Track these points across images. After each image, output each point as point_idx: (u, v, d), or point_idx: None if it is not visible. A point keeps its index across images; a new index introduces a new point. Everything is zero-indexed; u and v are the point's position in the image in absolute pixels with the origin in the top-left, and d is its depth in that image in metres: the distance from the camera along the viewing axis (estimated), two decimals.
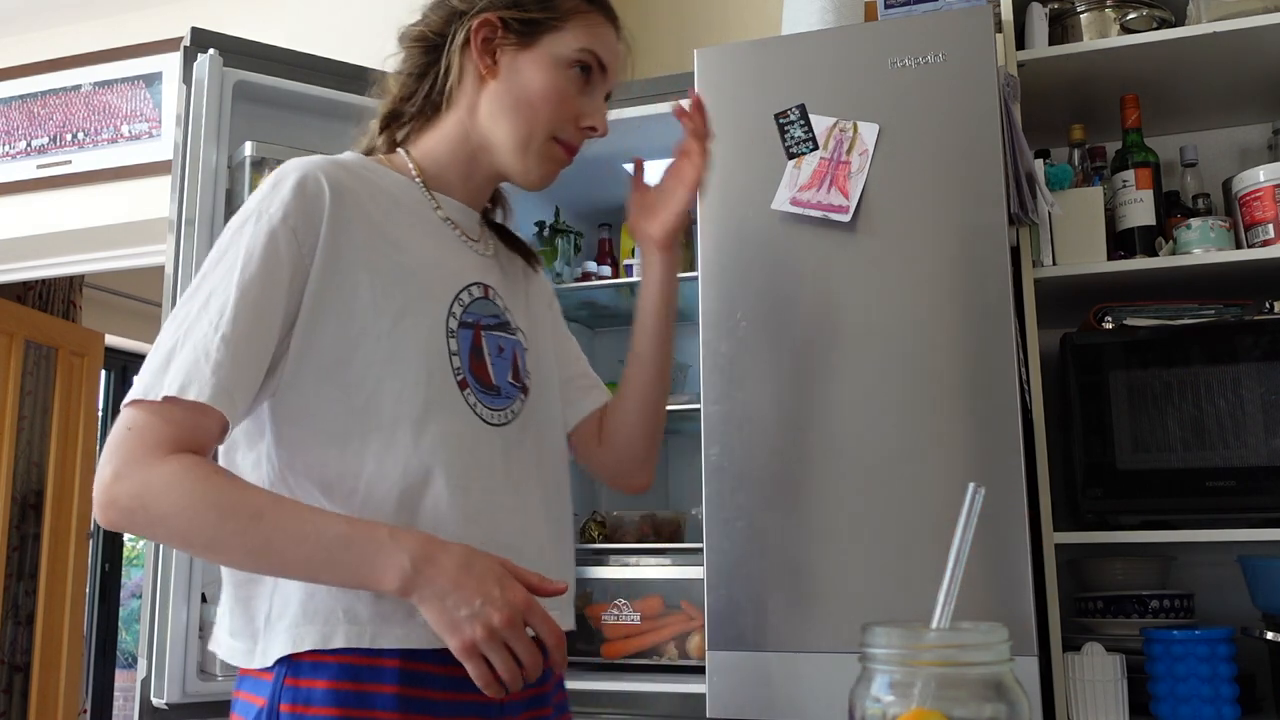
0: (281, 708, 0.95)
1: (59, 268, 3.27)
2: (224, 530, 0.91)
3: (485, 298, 1.12)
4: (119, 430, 0.93)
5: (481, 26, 1.11)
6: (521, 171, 1.15)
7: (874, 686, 0.64)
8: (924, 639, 0.66)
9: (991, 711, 0.62)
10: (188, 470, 0.91)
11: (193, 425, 0.93)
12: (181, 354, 0.94)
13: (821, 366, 1.72)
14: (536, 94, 1.11)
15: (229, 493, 0.93)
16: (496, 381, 1.10)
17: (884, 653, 0.64)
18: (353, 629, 0.96)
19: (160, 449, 0.92)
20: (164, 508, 0.91)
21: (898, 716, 0.62)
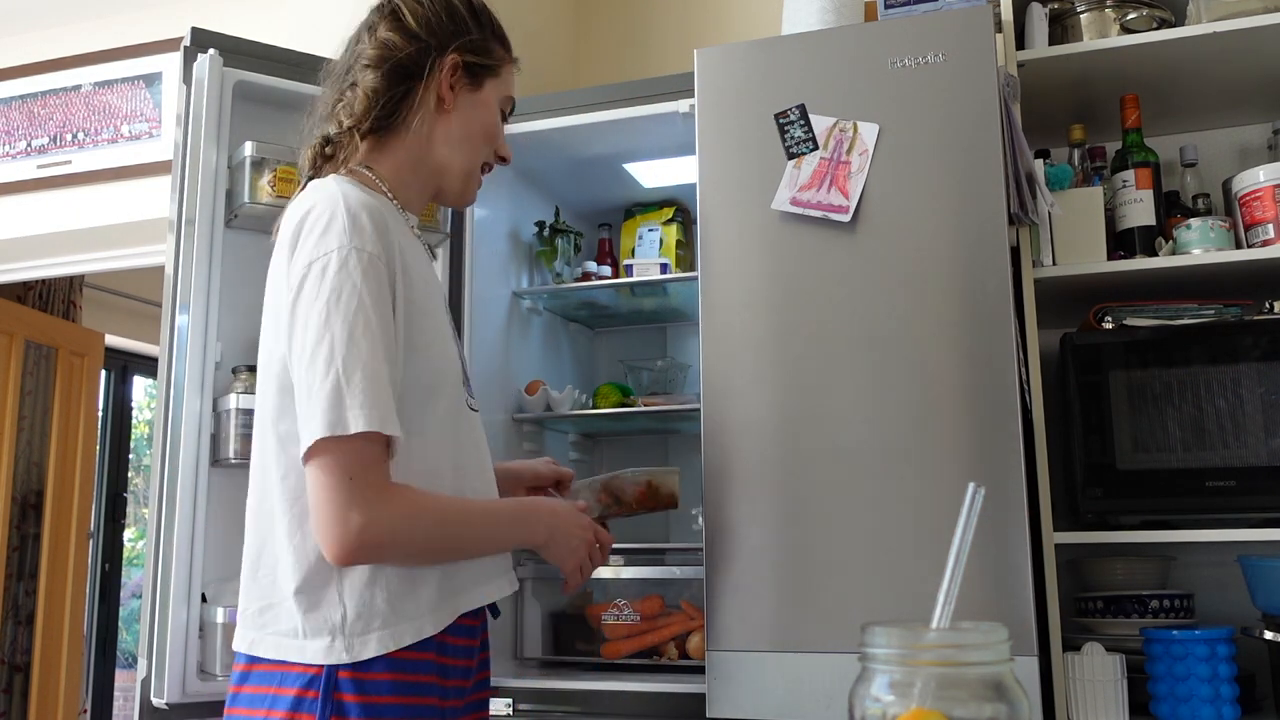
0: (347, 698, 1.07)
1: (59, 268, 3.27)
2: (445, 543, 1.15)
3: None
4: (340, 473, 1.04)
5: (452, 66, 1.27)
6: (461, 193, 1.33)
7: (874, 686, 0.64)
8: (924, 639, 0.66)
9: (991, 711, 0.62)
10: (415, 501, 1.11)
11: (386, 456, 1.08)
12: (356, 387, 1.05)
13: (821, 367, 1.72)
14: (480, 130, 1.31)
15: (440, 510, 1.15)
16: (468, 374, 1.31)
17: (884, 653, 0.64)
18: (421, 622, 1.13)
19: (387, 484, 1.07)
20: (407, 539, 1.10)
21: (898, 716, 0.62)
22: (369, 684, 1.08)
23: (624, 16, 2.95)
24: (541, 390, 2.29)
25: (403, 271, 1.14)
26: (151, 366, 5.23)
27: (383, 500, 1.06)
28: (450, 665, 1.17)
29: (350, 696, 1.07)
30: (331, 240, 1.09)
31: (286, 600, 1.11)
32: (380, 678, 1.08)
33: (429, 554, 1.14)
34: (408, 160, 1.26)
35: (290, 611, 1.10)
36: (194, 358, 1.78)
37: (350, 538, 1.04)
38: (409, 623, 1.11)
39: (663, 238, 2.44)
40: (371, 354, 1.06)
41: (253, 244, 1.94)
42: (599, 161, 2.35)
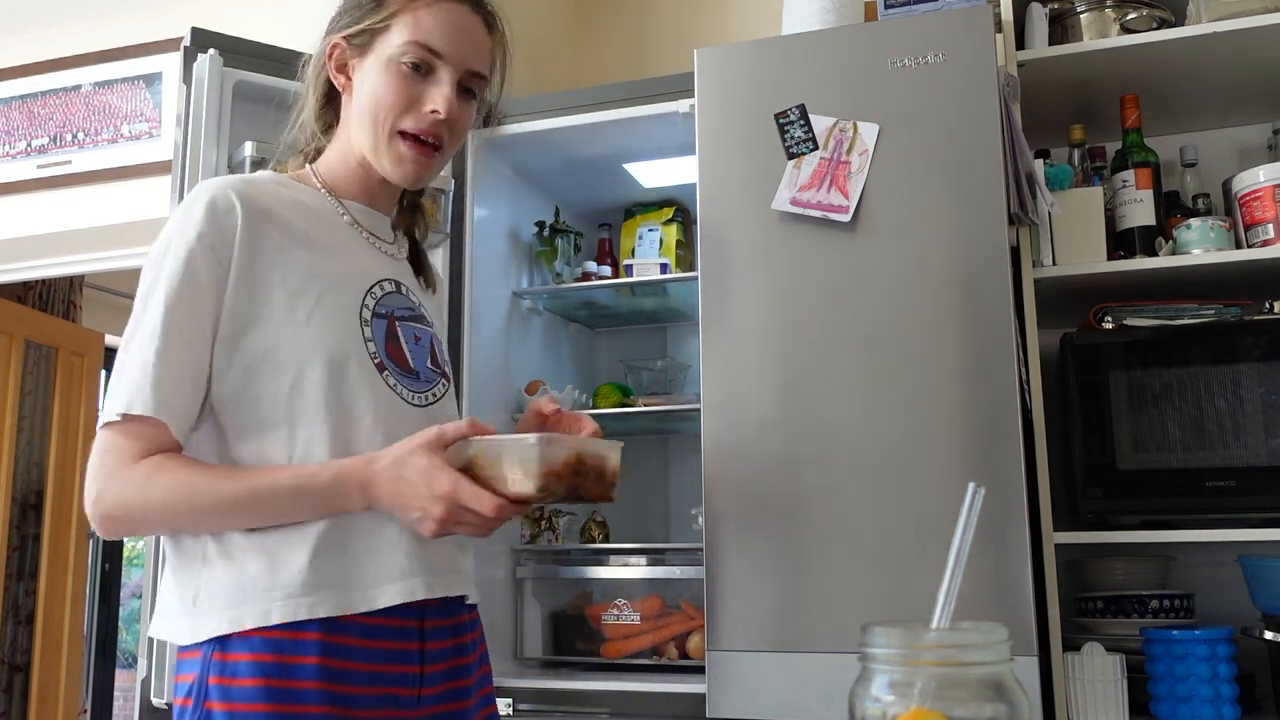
0: (210, 680, 1.04)
1: (59, 268, 3.27)
2: (197, 511, 1.06)
3: (397, 292, 1.22)
4: (94, 455, 1.07)
5: (332, 50, 1.21)
6: (385, 171, 1.21)
7: (874, 686, 0.64)
8: (924, 639, 0.66)
9: (991, 711, 0.62)
10: (151, 471, 1.05)
11: (150, 435, 1.06)
12: (125, 375, 1.07)
13: (821, 366, 1.72)
14: (370, 98, 1.18)
15: (191, 478, 1.06)
16: (415, 365, 1.20)
17: (884, 653, 0.64)
18: (274, 606, 1.06)
19: (127, 460, 1.05)
20: (142, 508, 1.05)
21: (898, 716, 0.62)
22: (229, 665, 1.05)
23: (624, 16, 2.95)
24: (541, 390, 2.29)
25: (251, 249, 1.11)
26: None
27: (121, 470, 1.05)
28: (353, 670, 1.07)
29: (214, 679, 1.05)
30: (168, 230, 1.12)
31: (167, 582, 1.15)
32: (239, 659, 1.05)
33: (185, 522, 1.07)
34: (338, 153, 1.24)
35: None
36: None
37: (89, 508, 1.06)
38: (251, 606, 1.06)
39: (663, 238, 2.44)
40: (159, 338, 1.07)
41: None
42: (599, 161, 2.35)
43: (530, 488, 1.02)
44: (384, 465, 1.05)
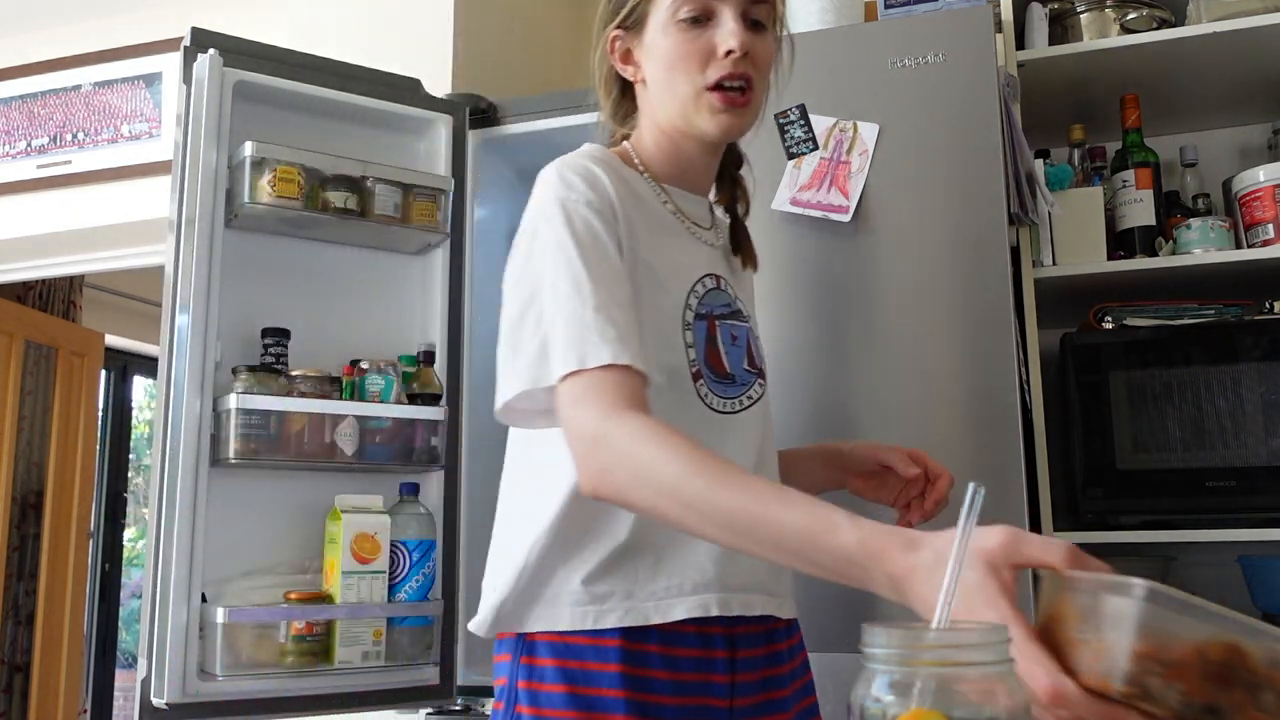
0: (519, 684, 1.06)
1: (59, 268, 3.27)
2: (683, 501, 0.88)
3: (717, 288, 1.17)
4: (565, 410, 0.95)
5: (612, 43, 1.18)
6: (703, 132, 1.14)
7: (874, 686, 0.64)
8: (924, 639, 0.65)
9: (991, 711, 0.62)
10: (653, 425, 0.91)
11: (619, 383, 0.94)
12: (558, 337, 0.97)
13: (821, 366, 1.72)
14: (663, 65, 1.13)
15: (696, 460, 0.89)
16: (730, 369, 1.14)
17: (884, 653, 0.63)
18: (564, 611, 1.05)
19: (617, 405, 0.93)
20: (640, 461, 0.90)
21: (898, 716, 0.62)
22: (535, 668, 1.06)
23: None
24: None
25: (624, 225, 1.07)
26: (151, 366, 5.23)
27: (613, 414, 0.92)
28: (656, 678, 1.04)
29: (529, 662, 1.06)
30: (547, 199, 1.08)
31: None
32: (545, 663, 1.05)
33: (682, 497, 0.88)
34: (648, 137, 1.19)
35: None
36: (194, 358, 1.78)
37: (581, 461, 0.94)
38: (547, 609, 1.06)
39: None
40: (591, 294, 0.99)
41: (253, 244, 1.94)
42: None
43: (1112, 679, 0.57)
44: (925, 561, 0.75)
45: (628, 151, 1.18)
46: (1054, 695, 0.63)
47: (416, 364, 1.99)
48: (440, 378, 2.01)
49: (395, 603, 1.85)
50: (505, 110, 2.18)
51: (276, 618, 1.78)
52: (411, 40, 2.37)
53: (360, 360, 1.92)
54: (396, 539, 1.85)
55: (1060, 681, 0.63)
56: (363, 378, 1.90)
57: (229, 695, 1.75)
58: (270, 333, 1.88)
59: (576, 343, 0.96)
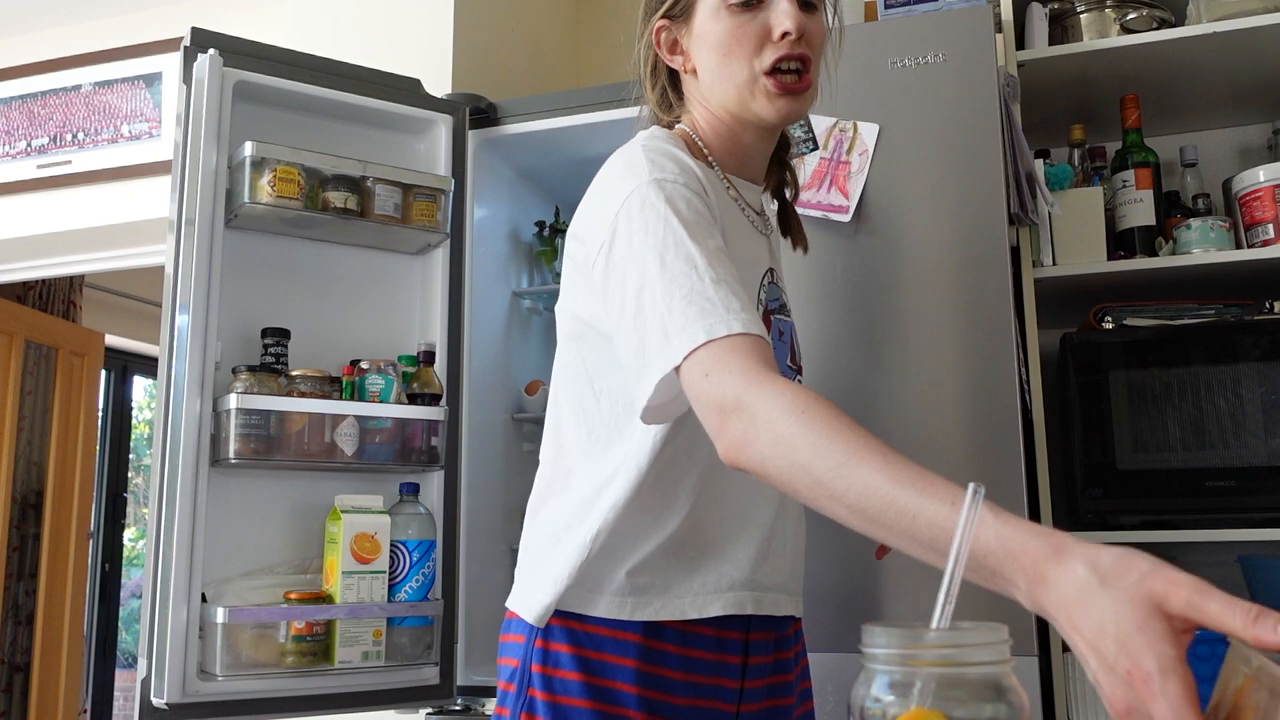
0: (534, 668, 1.04)
1: (59, 268, 3.27)
2: (837, 465, 0.80)
3: (774, 282, 1.15)
4: (697, 383, 0.89)
5: (657, 35, 1.14)
6: (760, 117, 1.10)
7: (874, 686, 0.64)
8: (924, 639, 0.65)
9: (991, 712, 0.62)
10: (798, 392, 0.84)
11: (752, 349, 0.88)
12: (677, 314, 0.90)
13: (821, 367, 1.72)
14: (718, 51, 1.09)
15: (847, 426, 0.82)
16: (782, 367, 1.11)
17: (884, 653, 0.63)
18: (600, 599, 1.03)
19: (754, 371, 0.86)
20: (783, 433, 0.83)
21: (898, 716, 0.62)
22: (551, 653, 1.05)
23: (624, 16, 2.94)
24: (542, 390, 2.29)
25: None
26: (151, 366, 5.24)
27: (747, 381, 0.86)
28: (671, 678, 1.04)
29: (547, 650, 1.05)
30: (639, 175, 1.03)
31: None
32: (561, 649, 1.04)
33: (823, 468, 0.80)
34: (704, 127, 1.14)
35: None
36: (194, 358, 1.78)
37: (722, 432, 0.87)
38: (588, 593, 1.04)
39: None
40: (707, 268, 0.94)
41: (252, 244, 1.94)
42: (599, 161, 2.33)
43: None
44: (1079, 570, 0.65)
45: (691, 138, 1.14)
46: None
47: (416, 364, 1.99)
48: (440, 378, 2.01)
49: (395, 603, 1.85)
50: (505, 110, 2.18)
51: (276, 618, 1.78)
52: (411, 40, 2.37)
53: (360, 360, 1.92)
54: (396, 539, 1.85)
55: None
56: (363, 378, 1.91)
57: (229, 695, 1.75)
58: (270, 333, 1.88)
59: (700, 315, 0.89)
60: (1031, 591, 0.68)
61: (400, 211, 1.97)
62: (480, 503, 2.10)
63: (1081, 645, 0.64)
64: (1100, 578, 0.65)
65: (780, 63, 1.07)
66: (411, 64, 2.22)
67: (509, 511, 2.24)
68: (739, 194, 1.14)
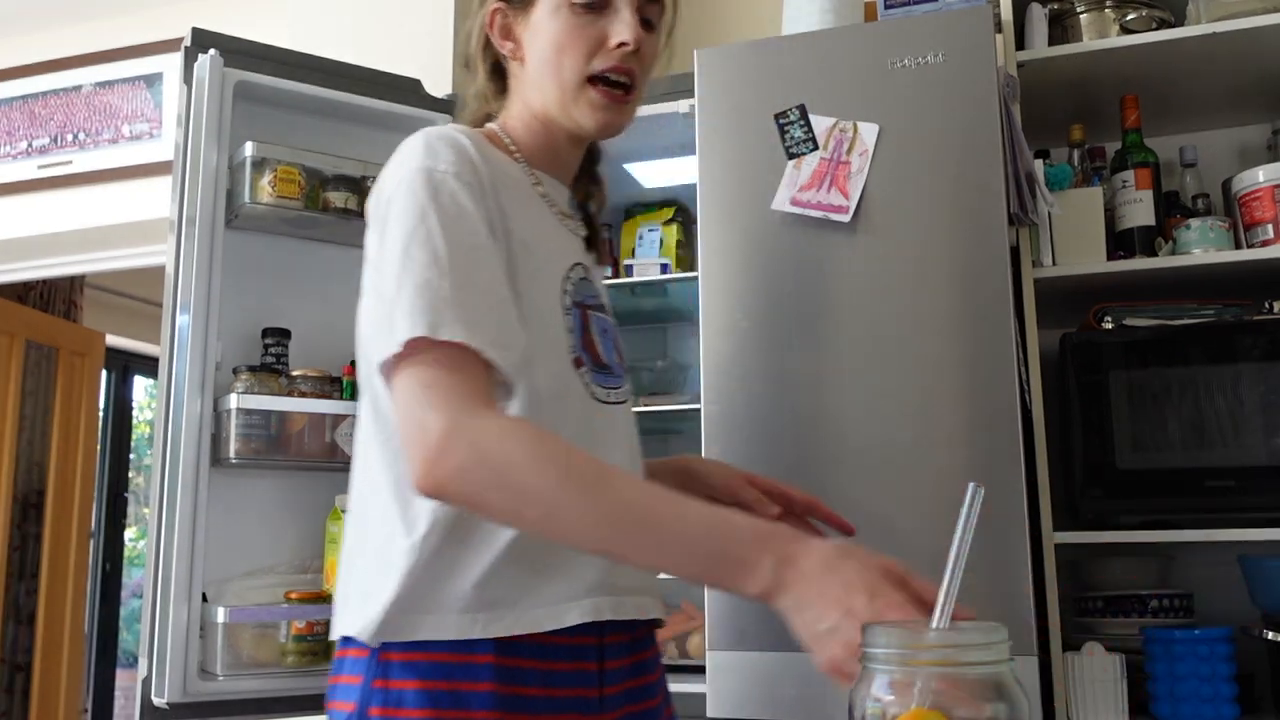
0: (372, 712, 0.92)
1: (59, 268, 3.28)
2: (568, 492, 0.83)
3: (587, 278, 1.12)
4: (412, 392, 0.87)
5: (492, 16, 1.11)
6: (578, 124, 1.09)
7: (874, 686, 0.64)
8: (924, 639, 0.66)
9: (991, 711, 0.62)
10: (517, 424, 0.86)
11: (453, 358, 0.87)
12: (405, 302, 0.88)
13: (821, 367, 1.72)
14: (549, 48, 1.07)
15: (571, 453, 0.85)
16: (607, 360, 1.09)
17: (884, 653, 0.64)
18: (445, 619, 0.93)
19: (476, 399, 0.86)
20: (505, 460, 0.83)
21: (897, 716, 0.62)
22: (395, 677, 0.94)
23: None
24: None
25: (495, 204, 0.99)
26: (152, 366, 5.23)
27: (475, 409, 0.85)
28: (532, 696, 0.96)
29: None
30: (411, 166, 0.98)
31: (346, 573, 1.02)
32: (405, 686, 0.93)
33: (543, 502, 0.84)
34: (519, 120, 1.12)
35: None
36: (194, 358, 1.78)
37: (430, 447, 0.84)
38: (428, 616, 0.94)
39: (663, 238, 2.44)
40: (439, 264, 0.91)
41: (253, 244, 1.94)
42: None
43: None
44: (825, 549, 0.79)
45: (496, 133, 1.11)
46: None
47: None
48: None
49: None
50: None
51: (277, 617, 1.78)
52: (411, 40, 2.37)
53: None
54: None
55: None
56: None
57: (229, 694, 1.75)
58: (270, 333, 1.88)
59: (427, 310, 0.87)
60: (778, 570, 0.78)
61: None
62: None
63: (820, 606, 0.75)
64: (840, 553, 0.78)
65: (610, 72, 1.06)
66: (412, 64, 2.22)
67: None
68: (547, 190, 1.11)
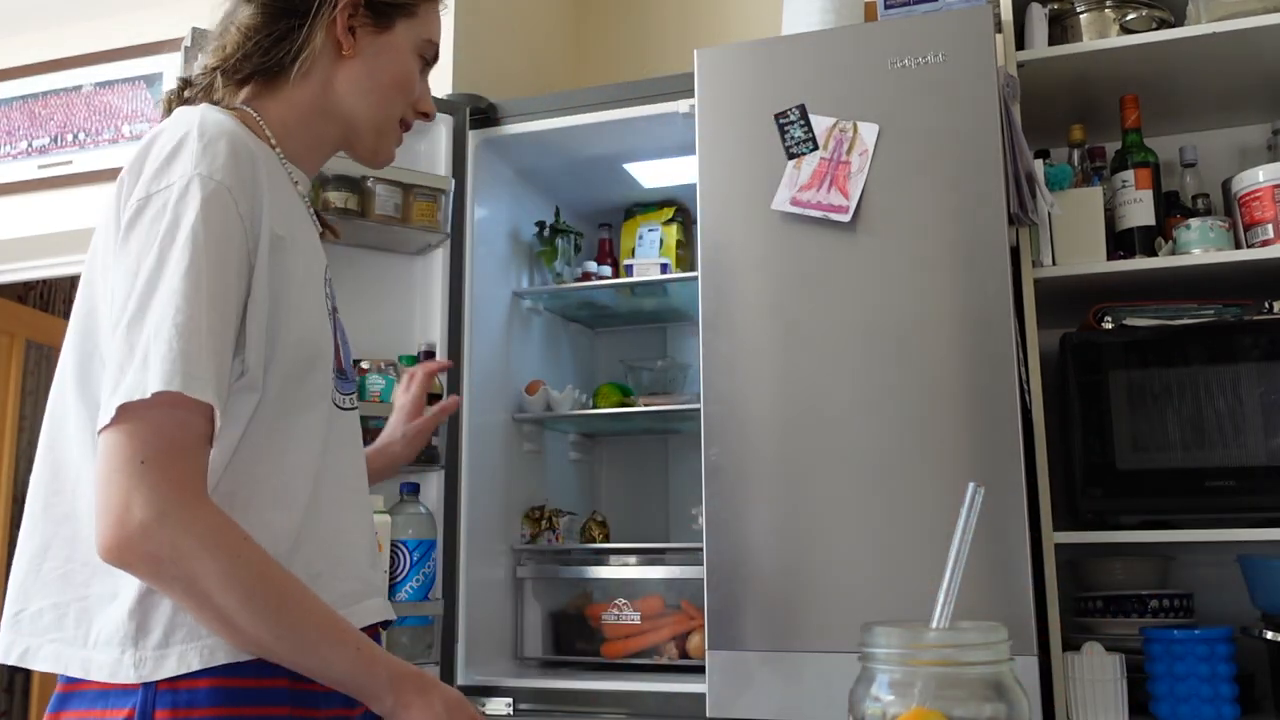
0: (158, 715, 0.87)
1: (59, 268, 3.27)
2: (244, 615, 0.87)
3: (330, 279, 1.12)
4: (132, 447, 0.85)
5: (350, 3, 1.08)
6: (372, 151, 1.15)
7: (874, 686, 0.64)
8: (924, 639, 0.66)
9: (991, 711, 0.62)
10: (219, 531, 0.87)
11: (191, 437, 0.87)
12: (155, 349, 0.85)
13: (821, 367, 1.72)
14: (392, 79, 1.11)
15: (260, 568, 0.88)
16: (346, 367, 1.11)
17: (884, 653, 0.64)
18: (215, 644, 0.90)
19: (187, 484, 0.86)
20: (197, 570, 0.85)
21: (898, 716, 0.62)
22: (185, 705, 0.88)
23: (624, 16, 2.95)
24: (541, 390, 2.30)
25: (268, 213, 0.96)
26: None
27: (182, 501, 0.85)
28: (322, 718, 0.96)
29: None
30: (175, 170, 0.92)
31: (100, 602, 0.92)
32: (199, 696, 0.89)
33: (220, 611, 0.86)
34: (296, 109, 1.08)
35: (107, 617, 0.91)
36: None
37: (132, 529, 0.83)
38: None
39: (663, 238, 2.44)
40: (193, 306, 0.87)
41: None
42: (599, 161, 2.35)
43: None
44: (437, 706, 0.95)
45: (253, 119, 1.05)
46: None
47: (417, 364, 1.99)
48: (440, 378, 2.01)
49: (395, 602, 1.85)
50: (505, 110, 2.18)
51: None
52: None
53: (360, 360, 1.92)
54: (396, 539, 1.85)
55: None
56: (363, 378, 1.91)
57: None
58: None
59: (183, 361, 0.85)
60: (395, 709, 0.94)
61: (400, 211, 1.97)
62: (480, 503, 2.10)
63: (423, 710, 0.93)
64: (447, 711, 0.96)
65: (408, 126, 1.17)
66: None
67: (509, 511, 2.24)
68: (301, 188, 1.10)
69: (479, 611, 2.04)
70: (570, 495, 2.50)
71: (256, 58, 1.06)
